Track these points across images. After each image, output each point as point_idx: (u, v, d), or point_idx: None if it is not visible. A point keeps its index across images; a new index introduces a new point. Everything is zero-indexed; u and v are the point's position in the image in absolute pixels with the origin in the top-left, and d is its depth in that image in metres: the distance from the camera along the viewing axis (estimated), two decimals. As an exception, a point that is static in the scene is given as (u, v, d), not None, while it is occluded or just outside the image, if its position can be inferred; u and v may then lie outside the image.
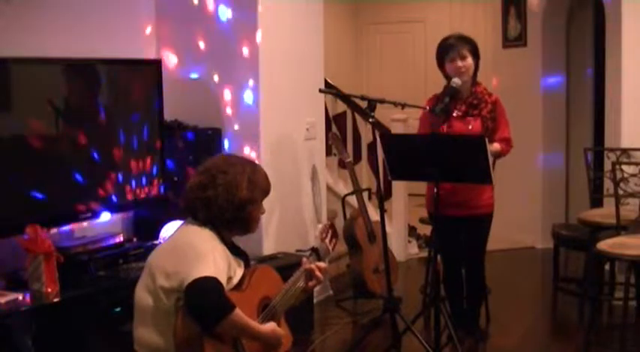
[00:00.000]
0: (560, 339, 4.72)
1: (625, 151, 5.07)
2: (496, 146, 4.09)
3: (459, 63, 4.11)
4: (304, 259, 2.97)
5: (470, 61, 4.12)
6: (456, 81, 4.11)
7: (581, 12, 6.82)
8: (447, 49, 4.15)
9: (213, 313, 2.45)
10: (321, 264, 2.97)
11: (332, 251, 3.14)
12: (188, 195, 2.73)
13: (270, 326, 2.67)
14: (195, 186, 2.71)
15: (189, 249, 2.59)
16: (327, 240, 3.10)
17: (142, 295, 2.63)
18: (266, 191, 2.82)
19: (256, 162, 2.91)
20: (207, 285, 2.46)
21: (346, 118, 6.44)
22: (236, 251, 2.81)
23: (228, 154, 4.05)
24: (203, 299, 2.45)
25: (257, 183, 2.75)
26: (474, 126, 4.12)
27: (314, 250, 3.04)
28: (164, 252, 2.68)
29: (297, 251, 4.54)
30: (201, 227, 2.69)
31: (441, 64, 4.21)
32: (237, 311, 2.48)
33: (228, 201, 2.67)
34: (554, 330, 4.94)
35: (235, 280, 2.69)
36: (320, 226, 3.21)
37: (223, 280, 2.54)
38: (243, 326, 2.53)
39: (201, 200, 2.68)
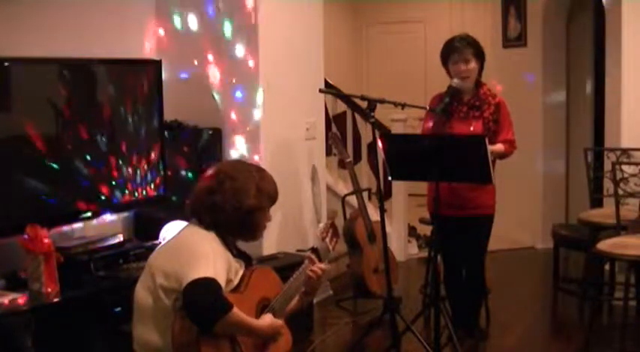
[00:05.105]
0: (560, 339, 4.72)
1: (625, 151, 5.07)
2: (499, 147, 4.09)
3: (462, 67, 4.12)
4: (306, 260, 2.97)
5: (473, 65, 4.13)
6: (456, 81, 4.12)
7: (581, 12, 6.83)
8: (451, 51, 4.15)
9: (211, 313, 2.45)
10: (322, 266, 2.97)
11: (332, 250, 3.13)
12: (195, 198, 2.73)
13: (267, 320, 2.67)
14: (203, 190, 2.71)
15: (189, 250, 2.60)
16: (327, 239, 3.09)
17: (142, 294, 2.63)
18: (273, 198, 2.82)
19: (264, 168, 2.90)
20: (206, 286, 2.46)
21: (346, 118, 6.44)
22: (238, 254, 2.81)
23: (237, 160, 4.08)
24: (201, 299, 2.45)
25: (264, 190, 2.76)
26: (475, 127, 4.12)
27: (314, 250, 3.03)
28: (165, 252, 2.69)
29: (298, 251, 4.54)
30: (204, 230, 2.69)
31: (445, 63, 4.22)
32: (235, 310, 2.48)
33: (235, 208, 2.68)
34: (554, 330, 4.94)
35: (236, 282, 2.69)
36: (321, 225, 3.20)
37: (222, 282, 2.54)
38: (241, 324, 2.53)
39: (208, 205, 2.68)
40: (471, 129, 4.12)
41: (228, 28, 4.55)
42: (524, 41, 6.83)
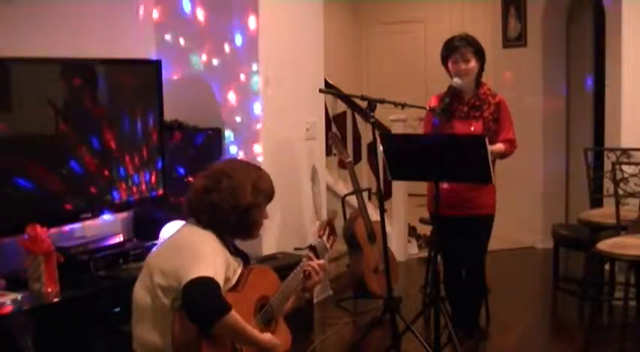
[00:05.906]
0: (560, 339, 4.72)
1: (625, 151, 5.07)
2: (500, 146, 4.10)
3: (462, 66, 4.12)
4: (304, 258, 2.97)
5: (472, 64, 4.13)
6: (457, 80, 4.12)
7: (581, 12, 6.83)
8: (451, 50, 4.16)
9: (210, 313, 2.44)
10: (320, 262, 2.97)
11: (330, 248, 3.14)
12: (192, 197, 2.74)
13: (267, 336, 2.67)
14: (200, 189, 2.72)
15: (188, 249, 2.60)
16: (324, 238, 3.10)
17: (141, 294, 2.63)
18: (270, 196, 2.82)
19: (261, 167, 2.91)
20: (205, 285, 2.46)
21: (346, 118, 6.44)
22: (236, 252, 2.81)
23: (233, 158, 4.07)
24: (200, 299, 2.44)
25: (261, 188, 2.76)
26: (475, 127, 4.13)
27: (311, 248, 3.03)
28: (164, 251, 2.69)
29: (295, 249, 4.54)
30: (202, 229, 2.69)
31: (445, 62, 4.22)
32: (233, 312, 2.47)
33: (232, 206, 2.68)
34: (554, 330, 4.94)
35: (234, 281, 2.68)
36: (318, 223, 3.21)
37: (221, 281, 2.53)
38: (239, 329, 2.51)
39: (205, 203, 2.68)
40: (472, 129, 4.12)
41: (228, 28, 4.55)
42: (524, 41, 6.83)
